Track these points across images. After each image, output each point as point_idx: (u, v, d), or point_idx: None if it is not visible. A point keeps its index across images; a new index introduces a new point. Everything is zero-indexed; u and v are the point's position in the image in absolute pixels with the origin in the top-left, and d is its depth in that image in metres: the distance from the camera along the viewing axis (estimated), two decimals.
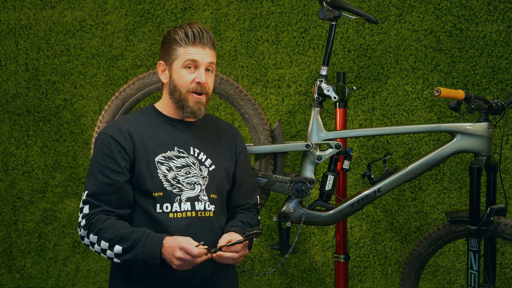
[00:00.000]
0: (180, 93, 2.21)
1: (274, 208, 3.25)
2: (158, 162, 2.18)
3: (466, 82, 3.04)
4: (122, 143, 2.17)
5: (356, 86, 3.13)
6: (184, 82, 2.20)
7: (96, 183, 2.14)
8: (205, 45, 2.20)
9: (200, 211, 2.20)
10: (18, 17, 3.44)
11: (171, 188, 2.18)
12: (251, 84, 3.25)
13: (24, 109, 3.45)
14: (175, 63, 2.21)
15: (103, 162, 2.15)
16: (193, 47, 2.19)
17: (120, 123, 2.24)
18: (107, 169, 2.14)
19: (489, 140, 2.44)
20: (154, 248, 2.04)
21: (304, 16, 3.19)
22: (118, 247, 2.07)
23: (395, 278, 3.14)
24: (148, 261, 2.05)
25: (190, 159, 2.24)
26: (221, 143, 2.35)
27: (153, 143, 2.20)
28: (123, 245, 2.06)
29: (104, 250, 2.10)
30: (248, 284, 3.30)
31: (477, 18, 3.02)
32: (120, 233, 2.07)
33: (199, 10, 3.28)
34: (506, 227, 2.43)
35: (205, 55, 2.20)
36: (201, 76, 2.20)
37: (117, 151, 2.16)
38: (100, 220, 2.10)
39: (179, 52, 2.20)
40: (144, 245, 2.04)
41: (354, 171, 3.17)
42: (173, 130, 2.26)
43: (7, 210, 3.49)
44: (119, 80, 3.36)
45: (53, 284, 3.48)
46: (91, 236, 2.11)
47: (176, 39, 2.20)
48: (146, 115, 2.28)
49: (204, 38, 2.20)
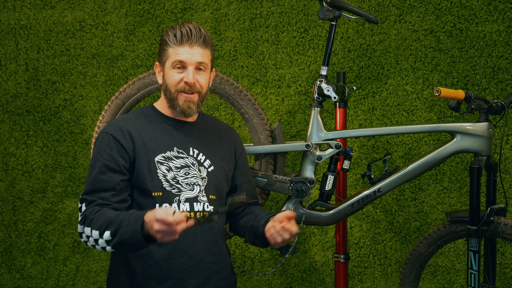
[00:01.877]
0: (170, 93, 2.22)
1: (274, 208, 3.25)
2: (158, 162, 2.18)
3: (466, 82, 3.04)
4: (122, 142, 2.17)
5: (356, 86, 3.13)
6: (173, 82, 2.21)
7: (92, 180, 2.14)
8: (193, 43, 2.18)
9: (199, 212, 2.20)
10: (18, 17, 3.44)
11: (170, 188, 2.18)
12: (251, 84, 3.25)
13: (24, 109, 3.46)
14: (166, 63, 2.22)
15: (102, 160, 2.15)
16: (180, 46, 2.18)
17: (120, 122, 2.24)
18: (105, 167, 2.14)
19: (489, 140, 2.44)
20: (136, 223, 1.98)
21: (304, 16, 3.19)
22: (107, 233, 2.03)
23: (395, 278, 3.14)
24: (132, 239, 1.99)
25: (189, 160, 2.23)
26: (221, 144, 2.35)
27: (153, 143, 2.20)
28: (110, 228, 2.02)
29: (96, 240, 2.06)
30: (248, 284, 3.30)
31: (477, 18, 3.02)
32: (108, 218, 2.04)
33: (199, 10, 3.28)
34: (506, 227, 2.43)
35: (193, 54, 2.19)
36: (189, 76, 2.19)
37: (117, 149, 2.16)
38: (92, 212, 2.08)
39: (168, 52, 2.21)
40: (128, 223, 1.99)
41: (354, 171, 3.17)
42: (172, 130, 2.26)
43: (7, 210, 3.49)
44: (119, 80, 3.36)
45: (53, 284, 3.48)
46: (85, 229, 2.08)
47: (166, 40, 2.21)
48: (146, 114, 2.28)
49: (192, 37, 2.18)
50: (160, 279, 2.16)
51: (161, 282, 2.16)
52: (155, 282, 2.16)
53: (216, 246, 2.24)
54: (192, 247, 2.18)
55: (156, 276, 2.15)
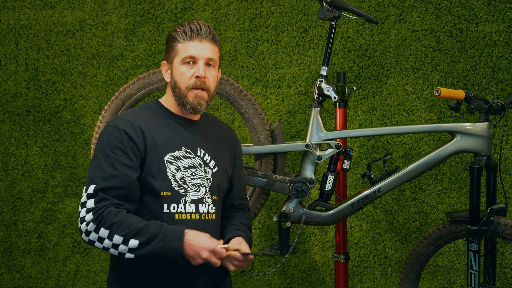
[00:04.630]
0: (180, 90, 2.19)
1: (274, 208, 3.25)
2: (167, 161, 2.15)
3: (466, 82, 3.04)
4: (135, 139, 2.11)
5: (356, 86, 3.13)
6: (184, 78, 2.18)
7: (105, 176, 2.06)
8: (203, 38, 2.18)
9: (204, 213, 2.18)
10: (18, 17, 3.44)
11: (178, 188, 2.14)
12: (251, 84, 3.25)
13: (24, 109, 3.46)
14: (175, 60, 2.20)
15: (115, 156, 2.08)
16: (190, 41, 2.17)
17: (130, 117, 2.17)
18: (119, 163, 2.07)
19: (489, 140, 2.44)
20: (175, 242, 2.01)
21: (304, 16, 3.19)
22: (134, 241, 1.99)
23: (395, 278, 3.14)
24: (168, 254, 2.01)
25: (196, 160, 2.21)
26: (224, 144, 2.34)
27: (162, 141, 2.16)
28: (140, 239, 2.00)
29: (116, 245, 2.01)
30: (248, 284, 3.30)
31: (477, 18, 3.02)
32: (135, 227, 2.01)
33: (199, 10, 3.28)
34: (506, 227, 2.43)
35: (203, 49, 2.18)
36: (200, 70, 2.17)
37: (129, 146, 2.10)
38: (111, 214, 2.01)
39: (178, 48, 2.19)
40: (164, 239, 2.00)
41: (354, 171, 3.17)
42: (180, 128, 2.23)
43: (7, 210, 3.50)
44: (119, 80, 3.36)
45: (53, 284, 3.48)
46: (102, 231, 2.01)
47: (175, 36, 2.19)
48: (154, 111, 2.24)
49: (202, 32, 2.18)
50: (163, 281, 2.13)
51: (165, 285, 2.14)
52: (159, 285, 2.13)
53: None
54: None
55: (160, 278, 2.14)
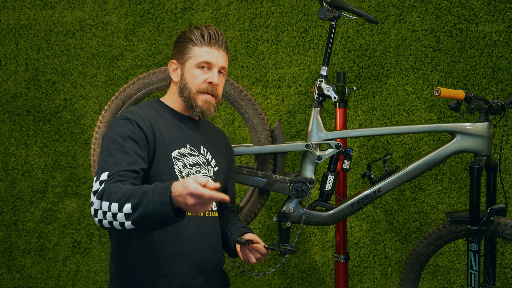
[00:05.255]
0: (189, 92, 2.20)
1: (274, 208, 3.25)
2: (174, 157, 2.16)
3: (466, 82, 3.04)
4: (146, 132, 2.11)
5: (356, 86, 3.13)
6: (196, 82, 2.20)
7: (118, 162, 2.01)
8: (220, 47, 2.22)
9: (208, 211, 2.20)
10: (18, 17, 3.44)
11: None
12: (251, 84, 3.25)
13: (24, 109, 3.45)
14: (189, 62, 2.21)
15: (128, 144, 2.05)
16: (208, 47, 2.19)
17: (139, 111, 2.17)
18: (132, 151, 2.04)
19: (489, 140, 2.44)
20: (163, 194, 1.83)
21: (304, 16, 3.19)
22: (128, 205, 1.87)
23: (395, 278, 3.14)
24: (159, 210, 1.83)
25: (200, 158, 2.24)
26: (220, 145, 2.38)
27: (169, 137, 2.17)
28: (132, 201, 1.86)
29: (115, 215, 1.89)
30: (248, 284, 3.30)
31: (477, 18, 3.02)
32: (129, 190, 1.90)
33: (199, 10, 3.28)
34: (506, 227, 2.43)
35: (219, 57, 2.21)
36: (214, 77, 2.19)
37: (141, 137, 2.09)
38: (112, 187, 1.93)
39: (193, 51, 2.20)
40: (153, 194, 1.84)
41: (354, 171, 3.17)
42: (184, 126, 2.25)
43: (7, 210, 3.49)
44: (119, 80, 3.36)
45: (53, 284, 3.48)
46: (103, 204, 1.91)
47: (192, 39, 2.20)
48: (157, 109, 2.24)
49: (219, 41, 2.21)
50: (168, 277, 2.13)
51: (170, 281, 2.13)
52: (163, 281, 2.13)
53: (218, 246, 2.26)
54: (200, 245, 2.18)
55: (165, 274, 2.13)
